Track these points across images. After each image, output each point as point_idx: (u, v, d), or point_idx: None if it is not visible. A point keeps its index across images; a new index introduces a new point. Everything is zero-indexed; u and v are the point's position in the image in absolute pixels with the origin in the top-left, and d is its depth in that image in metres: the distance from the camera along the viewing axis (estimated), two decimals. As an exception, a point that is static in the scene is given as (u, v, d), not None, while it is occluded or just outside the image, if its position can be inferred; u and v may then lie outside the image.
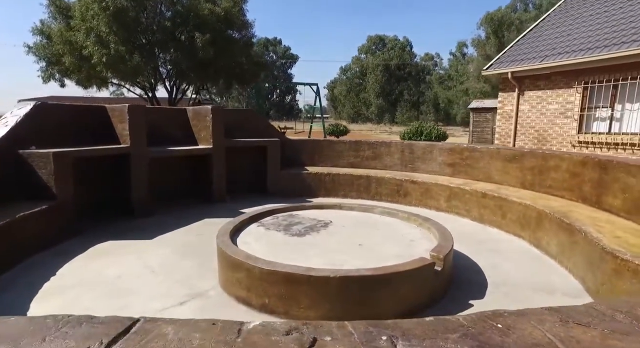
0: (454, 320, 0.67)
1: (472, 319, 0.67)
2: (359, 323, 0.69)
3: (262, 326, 0.66)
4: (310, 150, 6.93)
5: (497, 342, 0.58)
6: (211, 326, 0.66)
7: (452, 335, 0.61)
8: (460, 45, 69.14)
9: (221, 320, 0.71)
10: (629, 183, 3.36)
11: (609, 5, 9.93)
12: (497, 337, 0.60)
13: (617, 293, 2.60)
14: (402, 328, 0.64)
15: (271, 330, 0.64)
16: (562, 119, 9.12)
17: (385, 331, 0.64)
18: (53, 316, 0.69)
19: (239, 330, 0.66)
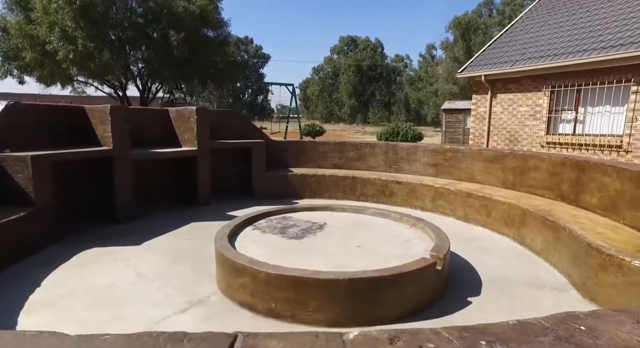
0: (536, 323, 0.71)
1: (553, 321, 0.71)
2: (451, 329, 0.71)
3: (363, 335, 0.67)
4: (295, 151, 6.92)
5: (591, 345, 0.62)
6: (315, 338, 0.66)
7: (545, 338, 0.65)
8: (429, 47, 70.96)
9: (319, 332, 0.71)
10: (604, 182, 3.59)
11: (569, 14, 10.52)
12: (588, 339, 0.64)
13: (602, 287, 2.77)
14: (494, 333, 0.67)
15: (374, 340, 0.65)
16: (532, 121, 9.57)
17: (480, 336, 0.66)
18: (149, 333, 0.67)
19: (344, 342, 0.66)
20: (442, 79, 53.51)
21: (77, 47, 13.38)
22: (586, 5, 10.44)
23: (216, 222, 4.92)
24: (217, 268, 3.01)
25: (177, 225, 4.74)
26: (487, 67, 10.31)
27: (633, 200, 3.23)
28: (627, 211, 3.30)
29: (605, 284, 2.75)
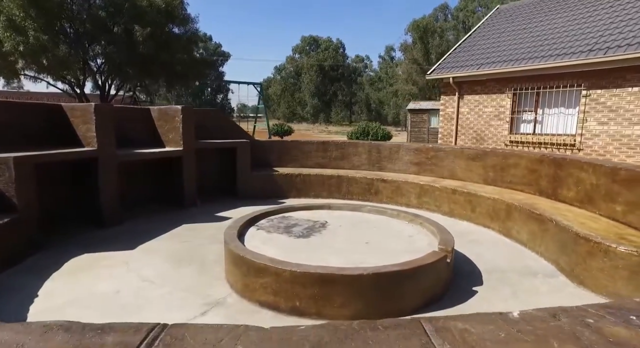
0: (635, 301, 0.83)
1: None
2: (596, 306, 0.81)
3: (524, 313, 0.74)
4: (278, 151, 6.92)
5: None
6: (489, 317, 0.73)
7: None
8: (389, 49, 72.80)
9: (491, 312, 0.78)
10: (581, 177, 3.95)
11: (526, 23, 11.29)
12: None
13: (590, 272, 3.07)
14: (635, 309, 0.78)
15: (537, 317, 0.73)
16: (497, 121, 10.18)
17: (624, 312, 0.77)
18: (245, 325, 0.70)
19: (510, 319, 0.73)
20: (401, 80, 55.19)
21: (28, 38, 12.42)
22: (540, 16, 11.25)
23: (208, 223, 4.86)
24: (231, 270, 2.99)
25: (167, 228, 4.60)
26: (454, 69, 10.82)
27: (608, 193, 3.58)
28: (602, 203, 3.66)
29: (593, 269, 3.04)
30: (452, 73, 10.66)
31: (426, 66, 51.85)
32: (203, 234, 4.41)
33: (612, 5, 9.58)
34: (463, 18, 54.17)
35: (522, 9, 12.28)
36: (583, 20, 9.72)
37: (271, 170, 6.54)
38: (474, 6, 52.49)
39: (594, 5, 10.13)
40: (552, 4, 11.59)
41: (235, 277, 2.95)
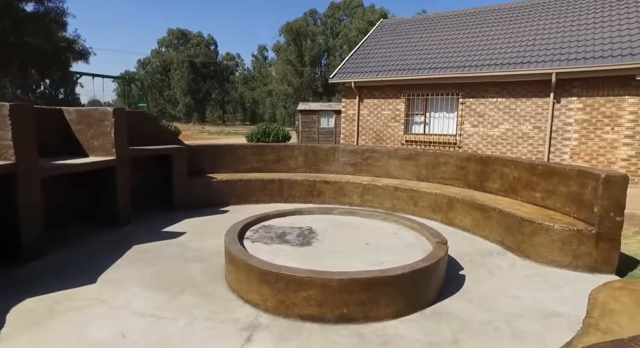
0: None
1: None
2: None
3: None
4: (210, 156, 6.48)
5: None
6: None
7: None
8: (262, 48, 73.21)
9: None
10: (504, 172, 4.91)
11: (409, 38, 13.00)
12: None
13: (534, 247, 3.89)
14: None
15: None
16: (393, 123, 11.48)
17: None
18: None
19: None
20: (276, 80, 56.26)
21: None
22: (419, 33, 13.08)
23: (161, 241, 4.33)
24: (257, 288, 2.80)
25: (115, 253, 3.92)
26: (355, 74, 11.74)
27: (528, 183, 4.57)
28: (524, 192, 4.64)
29: (536, 244, 3.87)
30: (353, 78, 11.55)
31: (300, 67, 54.13)
32: (166, 254, 3.93)
33: (476, 33, 11.78)
34: (331, 24, 58.24)
35: (403, 25, 14.02)
36: (456, 40, 11.69)
37: (207, 177, 6.10)
38: (340, 14, 56.87)
39: (462, 29, 12.29)
40: (428, 23, 13.56)
41: (263, 295, 2.78)
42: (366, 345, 2.41)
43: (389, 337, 2.51)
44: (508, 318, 2.78)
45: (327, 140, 20.29)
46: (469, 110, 10.23)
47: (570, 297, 3.15)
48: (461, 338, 2.50)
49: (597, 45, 8.86)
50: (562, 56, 8.91)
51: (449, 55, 10.82)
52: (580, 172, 3.84)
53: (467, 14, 13.06)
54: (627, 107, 8.42)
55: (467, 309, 2.90)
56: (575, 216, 3.91)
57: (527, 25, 10.85)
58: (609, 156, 8.65)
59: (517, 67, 9.22)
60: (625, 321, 1.95)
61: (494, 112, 9.85)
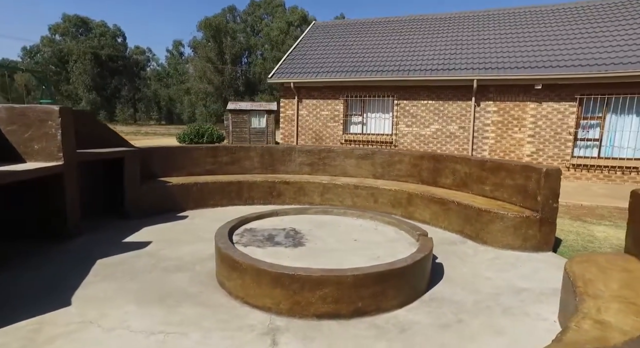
0: None
1: None
2: None
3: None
4: (162, 158, 6.05)
5: None
6: None
7: None
8: (177, 44, 69.08)
9: None
10: (456, 168, 5.47)
11: (343, 41, 13.49)
12: None
13: (490, 233, 4.43)
14: None
15: None
16: (332, 123, 11.83)
17: None
18: None
19: None
20: (195, 78, 53.63)
21: None
22: (352, 37, 13.64)
23: (127, 253, 3.99)
24: (270, 292, 2.77)
25: (80, 269, 3.51)
26: (293, 75, 11.82)
27: (478, 178, 5.16)
28: (474, 185, 5.22)
29: (492, 231, 4.41)
30: (292, 78, 11.62)
31: (221, 65, 52.36)
32: (140, 267, 3.63)
33: (406, 39, 12.66)
34: (252, 22, 57.31)
35: (336, 28, 14.48)
36: (389, 46, 12.44)
37: (160, 181, 5.70)
38: (261, 13, 56.27)
39: (392, 35, 13.11)
40: (360, 28, 14.20)
41: (276, 299, 2.76)
42: (387, 335, 2.56)
43: (404, 324, 2.70)
44: (492, 297, 3.16)
45: (259, 140, 20.03)
46: (403, 112, 11.02)
47: (529, 274, 3.68)
48: (464, 319, 2.79)
49: (507, 57, 10.22)
50: (481, 65, 10.11)
51: (384, 60, 11.51)
52: (525, 167, 4.48)
53: (396, 21, 14.00)
54: (529, 111, 9.88)
55: (457, 293, 3.22)
56: (521, 205, 4.54)
57: (451, 36, 12.03)
58: (518, 152, 10.06)
59: (444, 73, 10.20)
60: (602, 287, 2.40)
61: (425, 113, 10.76)
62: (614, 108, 9.33)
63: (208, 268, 3.59)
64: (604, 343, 1.75)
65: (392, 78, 10.68)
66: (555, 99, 9.53)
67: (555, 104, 9.56)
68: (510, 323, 2.76)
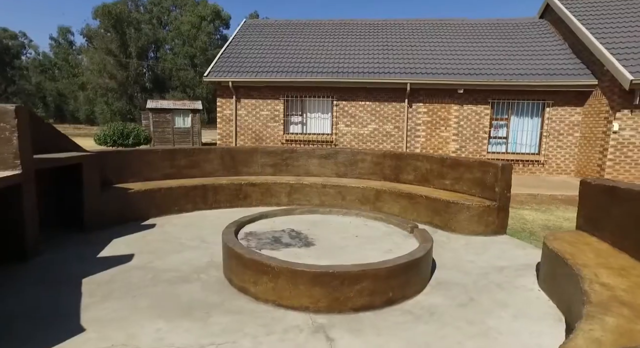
0: None
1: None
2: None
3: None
4: (115, 163, 5.49)
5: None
6: None
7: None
8: (64, 31, 61.13)
9: None
10: (417, 165, 6.01)
11: (279, 40, 13.50)
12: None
13: (458, 222, 5.02)
14: None
15: None
16: (273, 123, 11.81)
17: None
18: None
19: None
20: (93, 71, 48.02)
21: None
22: (288, 37, 13.71)
23: (112, 269, 3.65)
24: (311, 290, 2.82)
25: (66, 291, 3.11)
26: (231, 74, 11.49)
27: (438, 173, 5.75)
28: (435, 181, 5.81)
29: (460, 220, 5.00)
30: (230, 77, 11.31)
31: (125, 59, 47.75)
32: (137, 282, 3.34)
33: (342, 42, 13.16)
34: (158, 13, 53.24)
35: (269, 28, 14.41)
36: (326, 48, 12.80)
37: (120, 189, 5.20)
38: (169, 4, 52.65)
39: (328, 38, 13.51)
40: (294, 29, 14.34)
41: (314, 297, 2.82)
42: (422, 318, 2.82)
43: (429, 307, 2.99)
44: (483, 276, 3.64)
45: (184, 141, 18.96)
46: (343, 112, 11.50)
47: (500, 254, 4.30)
48: (474, 297, 3.19)
49: (435, 63, 11.36)
50: (413, 70, 11.06)
51: (322, 61, 11.84)
52: (483, 163, 5.15)
53: (329, 24, 14.46)
54: (453, 112, 11.14)
55: (455, 276, 3.63)
56: (480, 195, 5.21)
57: (381, 41, 12.86)
58: (445, 149, 11.27)
59: (380, 76, 10.92)
60: (584, 258, 2.98)
61: (363, 114, 11.39)
62: (516, 111, 11.02)
63: (215, 277, 3.46)
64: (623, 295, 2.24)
65: (331, 79, 11.07)
66: (474, 102, 10.90)
67: (474, 106, 10.93)
68: (508, 296, 3.24)
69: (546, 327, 2.75)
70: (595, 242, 3.39)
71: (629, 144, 9.52)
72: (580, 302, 2.43)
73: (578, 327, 1.97)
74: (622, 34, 10.39)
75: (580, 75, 10.47)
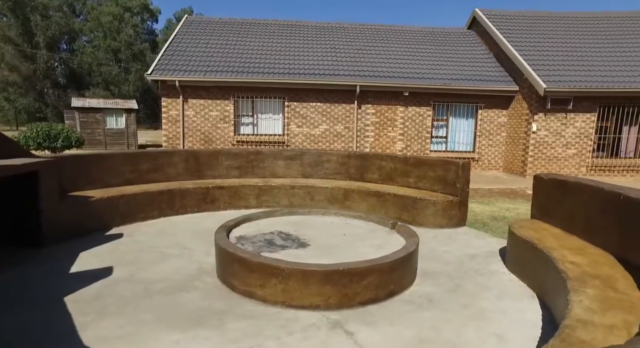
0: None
1: None
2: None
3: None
4: (72, 169, 5.02)
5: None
6: None
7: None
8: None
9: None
10: (382, 164, 6.35)
11: (226, 38, 13.17)
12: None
13: (425, 217, 5.43)
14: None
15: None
16: (223, 124, 11.52)
17: None
18: None
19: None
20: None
21: None
22: (235, 36, 13.42)
23: (94, 284, 3.42)
24: (321, 289, 2.92)
25: (55, 312, 2.86)
26: (178, 72, 10.97)
27: (402, 172, 6.15)
28: (399, 179, 6.20)
29: (427, 215, 5.42)
30: (177, 76, 10.83)
31: (30, 50, 42.60)
32: (128, 296, 3.17)
33: (291, 43, 13.22)
34: (71, 1, 48.19)
35: (213, 26, 13.99)
36: (274, 48, 12.76)
37: (80, 197, 4.78)
38: (86, -7, 48.04)
39: (275, 38, 13.48)
40: (239, 27, 14.07)
41: (324, 295, 2.93)
42: (422, 305, 3.08)
43: (426, 295, 3.26)
44: (460, 265, 4.03)
45: (118, 142, 17.61)
46: (294, 113, 11.58)
47: (466, 244, 4.76)
48: (460, 283, 3.54)
49: (382, 66, 11.95)
50: (362, 72, 11.52)
51: (273, 62, 11.80)
52: (445, 161, 5.64)
53: (275, 25, 14.40)
54: (399, 114, 11.84)
55: (437, 266, 3.97)
56: (442, 191, 5.69)
57: (329, 44, 13.17)
58: (392, 148, 11.93)
59: (330, 78, 11.21)
60: (548, 242, 3.47)
61: (314, 115, 11.58)
62: (454, 113, 12.05)
63: (210, 283, 3.40)
64: (591, 270, 2.69)
65: (283, 80, 11.11)
66: (417, 104, 11.69)
67: (417, 108, 11.72)
68: (487, 280, 3.64)
69: (525, 304, 3.18)
70: (549, 228, 3.94)
71: (544, 142, 10.94)
72: (554, 279, 2.87)
73: (570, 299, 2.35)
74: (537, 47, 11.90)
75: (505, 82, 11.77)
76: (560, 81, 10.41)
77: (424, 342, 2.56)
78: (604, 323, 2.09)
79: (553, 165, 10.97)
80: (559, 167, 11.00)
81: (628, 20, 13.55)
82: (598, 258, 3.05)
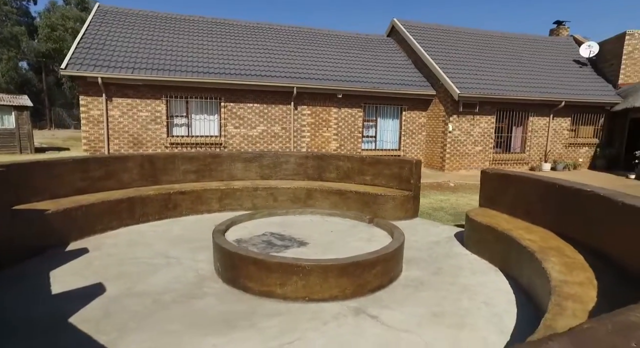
0: None
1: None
2: None
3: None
4: (15, 178, 4.40)
5: None
6: None
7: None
8: None
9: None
10: (339, 164, 6.76)
11: (149, 33, 12.28)
12: None
13: (386, 211, 6.00)
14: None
15: None
16: (154, 125, 10.81)
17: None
18: None
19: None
20: None
21: None
22: (159, 30, 12.57)
23: (89, 304, 3.26)
24: (339, 281, 3.18)
25: (68, 336, 2.65)
26: (101, 68, 9.98)
27: (359, 171, 6.64)
28: (356, 177, 6.68)
29: (387, 209, 5.98)
30: (99, 72, 9.88)
31: None
32: (140, 310, 3.07)
33: (222, 42, 12.86)
34: None
35: (129, 18, 13.00)
36: (205, 47, 12.31)
37: (29, 211, 4.25)
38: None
39: (204, 36, 12.99)
40: (158, 22, 13.23)
41: (342, 287, 3.20)
42: (419, 287, 3.54)
43: (418, 279, 3.74)
44: (431, 251, 4.62)
45: (8, 145, 15.19)
46: (231, 113, 11.36)
47: (426, 232, 5.42)
48: (441, 266, 4.09)
49: (316, 69, 12.37)
50: (297, 74, 11.78)
51: (207, 61, 11.38)
52: (399, 160, 6.26)
53: (201, 21, 13.81)
54: (333, 115, 12.43)
55: (414, 253, 4.50)
56: (397, 187, 6.32)
57: (260, 44, 13.13)
58: (327, 148, 12.47)
59: (269, 79, 11.26)
60: (504, 225, 4.22)
61: (252, 116, 11.52)
62: (382, 114, 13.07)
63: (220, 288, 3.43)
64: (546, 245, 3.43)
65: (220, 80, 10.87)
66: (349, 105, 12.41)
67: (350, 109, 12.45)
68: (459, 261, 4.28)
69: (493, 277, 3.85)
70: (499, 214, 4.75)
71: (458, 140, 12.55)
72: (517, 254, 3.56)
73: (546, 267, 3.00)
74: (448, 57, 13.53)
75: (423, 86, 13.15)
76: (469, 88, 12.05)
77: (437, 316, 3.01)
78: (575, 281, 2.76)
79: (465, 160, 12.64)
80: (469, 162, 12.71)
81: (523, 41, 16.14)
82: (544, 235, 3.85)
